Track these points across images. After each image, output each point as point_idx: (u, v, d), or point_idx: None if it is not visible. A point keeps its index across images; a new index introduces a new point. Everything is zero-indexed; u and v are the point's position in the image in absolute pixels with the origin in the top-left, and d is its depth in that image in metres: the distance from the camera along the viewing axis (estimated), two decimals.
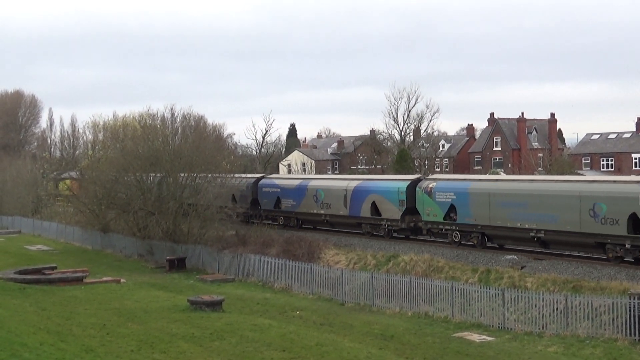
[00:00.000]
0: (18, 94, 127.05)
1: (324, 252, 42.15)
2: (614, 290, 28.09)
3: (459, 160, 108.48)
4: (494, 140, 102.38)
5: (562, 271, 32.08)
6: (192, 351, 20.88)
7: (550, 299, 27.34)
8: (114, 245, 53.60)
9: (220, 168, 52.75)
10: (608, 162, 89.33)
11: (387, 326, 27.79)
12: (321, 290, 36.06)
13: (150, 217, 49.16)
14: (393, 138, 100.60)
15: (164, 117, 58.68)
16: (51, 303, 28.59)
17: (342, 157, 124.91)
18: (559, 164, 76.13)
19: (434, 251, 38.40)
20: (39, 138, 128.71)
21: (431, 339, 25.79)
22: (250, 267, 41.23)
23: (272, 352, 21.26)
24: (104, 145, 66.95)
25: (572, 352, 24.06)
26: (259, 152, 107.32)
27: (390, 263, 38.20)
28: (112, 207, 53.22)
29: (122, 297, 31.26)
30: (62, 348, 19.89)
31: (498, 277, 33.04)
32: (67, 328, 23.39)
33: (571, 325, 26.24)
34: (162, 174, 50.23)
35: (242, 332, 23.71)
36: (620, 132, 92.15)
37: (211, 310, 27.59)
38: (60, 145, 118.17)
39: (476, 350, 24.11)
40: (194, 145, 51.88)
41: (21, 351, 18.42)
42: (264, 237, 45.77)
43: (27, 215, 71.63)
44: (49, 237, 62.30)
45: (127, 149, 54.74)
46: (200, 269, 44.59)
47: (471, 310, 29.18)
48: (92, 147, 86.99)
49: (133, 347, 20.94)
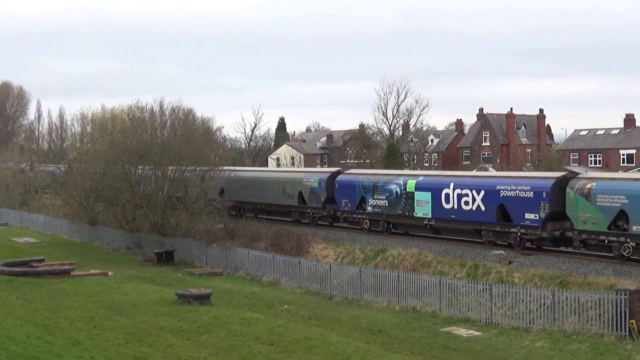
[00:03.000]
0: (6, 85, 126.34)
1: (312, 246, 42.14)
2: (600, 286, 28.26)
3: (448, 155, 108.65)
4: (483, 136, 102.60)
5: (549, 266, 32.21)
6: (179, 344, 20.86)
7: (537, 294, 27.44)
8: (101, 238, 53.42)
9: (209, 161, 52.61)
10: (596, 158, 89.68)
11: (375, 320, 27.85)
12: (309, 284, 36.07)
13: (138, 210, 49.02)
14: (382, 132, 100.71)
15: (152, 110, 58.58)
16: (38, 296, 28.50)
17: (331, 151, 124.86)
18: (547, 160, 76.38)
19: (422, 246, 38.45)
20: (26, 130, 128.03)
21: (419, 334, 25.86)
22: (239, 261, 41.20)
23: (260, 345, 21.27)
24: (92, 138, 66.67)
25: (559, 347, 24.17)
26: (248, 145, 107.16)
27: (379, 257, 38.25)
28: (100, 199, 52.99)
29: (109, 290, 31.19)
30: (49, 341, 19.84)
31: (486, 272, 33.15)
32: (54, 321, 23.33)
33: (558, 321, 26.35)
34: (151, 167, 50.06)
35: (230, 326, 23.70)
36: (608, 129, 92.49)
37: (199, 303, 27.57)
38: (48, 137, 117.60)
39: (463, 345, 24.19)
40: (183, 139, 51.74)
41: (8, 344, 18.37)
42: (253, 230, 45.70)
43: (14, 208, 71.29)
44: (36, 230, 62.02)
45: (116, 142, 54.54)
46: (188, 262, 44.54)
47: (459, 305, 29.26)
48: (80, 140, 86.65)
49: (120, 341, 20.90)
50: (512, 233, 35.62)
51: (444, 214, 38.68)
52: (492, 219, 36.38)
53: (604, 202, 31.63)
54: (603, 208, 31.65)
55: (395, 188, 41.52)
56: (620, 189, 31.53)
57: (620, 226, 31.35)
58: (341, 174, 46.87)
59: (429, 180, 40.56)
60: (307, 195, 47.77)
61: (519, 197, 35.05)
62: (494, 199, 36.24)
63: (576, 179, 33.76)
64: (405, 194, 40.80)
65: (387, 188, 42.00)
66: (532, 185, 34.93)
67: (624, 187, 31.63)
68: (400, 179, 41.79)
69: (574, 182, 33.46)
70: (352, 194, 44.40)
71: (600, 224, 31.78)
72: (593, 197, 32.00)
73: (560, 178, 34.60)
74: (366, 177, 44.67)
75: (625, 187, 31.59)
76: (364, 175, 45.54)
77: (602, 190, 31.85)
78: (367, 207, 43.40)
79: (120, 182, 50.27)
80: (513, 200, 35.36)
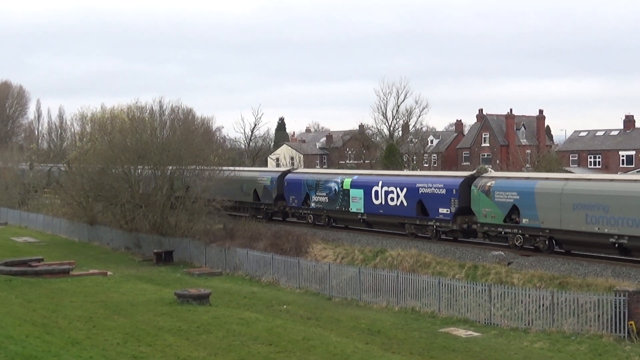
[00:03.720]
0: (6, 84, 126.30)
1: (311, 246, 42.15)
2: (599, 287, 28.27)
3: (447, 156, 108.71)
4: (483, 136, 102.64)
5: (548, 267, 32.22)
6: (178, 344, 20.84)
7: (536, 295, 27.44)
8: (101, 237, 53.42)
9: (209, 161, 52.61)
10: (595, 159, 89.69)
11: (374, 321, 27.83)
12: (308, 284, 36.06)
13: (137, 210, 48.99)
14: (382, 133, 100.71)
15: (152, 109, 58.49)
16: (37, 295, 28.48)
17: (331, 151, 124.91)
18: (546, 161, 76.39)
19: (421, 246, 38.47)
20: (26, 129, 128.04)
21: (417, 334, 25.85)
22: (238, 261, 41.18)
23: (259, 346, 21.26)
24: (91, 138, 66.48)
25: (558, 348, 24.16)
26: (248, 145, 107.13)
27: (378, 258, 38.26)
28: (99, 199, 52.97)
29: (108, 290, 31.17)
30: (48, 340, 19.82)
31: (485, 272, 33.15)
32: (53, 320, 23.32)
33: (557, 322, 26.34)
34: (150, 167, 50.06)
35: (229, 326, 23.68)
36: (608, 130, 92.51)
37: (198, 303, 27.54)
38: (47, 137, 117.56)
39: (462, 346, 24.18)
40: (182, 138, 51.70)
41: (6, 343, 18.36)
42: (252, 230, 45.70)
43: (13, 207, 71.26)
44: (35, 229, 62.01)
45: (115, 142, 54.48)
46: (187, 262, 44.53)
47: (458, 306, 29.25)
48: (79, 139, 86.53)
49: (119, 340, 20.89)
50: (429, 226, 39.85)
51: (374, 209, 42.90)
52: (413, 213, 40.55)
53: (500, 198, 35.97)
54: (500, 203, 36.01)
55: (334, 186, 45.83)
56: (513, 187, 35.82)
57: (514, 219, 35.48)
58: (290, 173, 51.33)
59: (362, 179, 44.82)
60: (261, 192, 51.65)
61: (435, 194, 39.43)
62: (414, 196, 40.50)
63: (480, 178, 38.17)
64: (342, 191, 45.11)
65: (327, 186, 46.39)
66: (444, 183, 39.35)
67: (515, 184, 35.95)
68: (338, 178, 46.13)
69: (477, 180, 37.86)
70: (298, 191, 48.84)
71: (497, 217, 36.15)
72: (492, 193, 36.35)
73: (468, 177, 39.10)
74: (310, 175, 49.20)
75: (516, 185, 35.93)
76: (309, 174, 50.25)
77: (499, 188, 36.20)
78: (310, 203, 47.78)
79: (119, 182, 50.25)
80: (430, 197, 39.69)
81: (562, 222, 33.44)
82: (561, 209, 33.41)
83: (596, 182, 33.90)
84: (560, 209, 33.43)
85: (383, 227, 43.48)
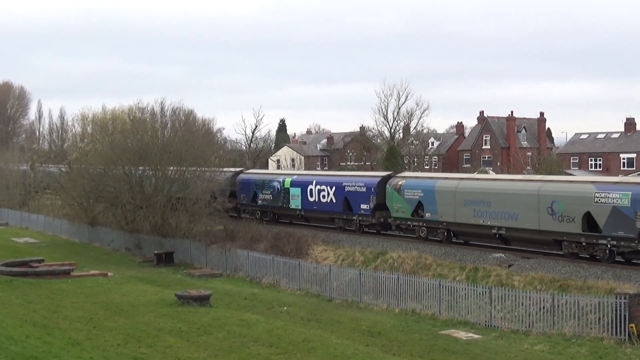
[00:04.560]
0: (7, 85, 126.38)
1: (312, 248, 42.17)
2: (600, 290, 28.24)
3: (448, 158, 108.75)
4: (483, 139, 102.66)
5: (549, 270, 32.20)
6: (179, 346, 20.84)
7: (537, 297, 27.44)
8: (101, 238, 53.44)
9: (209, 162, 52.69)
10: (596, 162, 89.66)
11: (375, 323, 27.83)
12: (309, 286, 36.07)
13: (138, 211, 49.02)
14: (382, 135, 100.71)
15: (153, 110, 58.57)
16: (38, 296, 28.49)
17: (332, 153, 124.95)
18: (547, 163, 76.33)
19: (422, 248, 38.48)
20: (27, 130, 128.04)
21: (418, 336, 25.85)
22: (238, 262, 41.19)
23: (259, 347, 21.25)
24: (92, 138, 66.55)
25: (558, 350, 24.16)
26: (248, 147, 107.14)
27: (379, 260, 38.26)
28: (100, 200, 53.02)
29: (109, 291, 31.17)
30: (49, 341, 19.83)
31: (485, 275, 33.13)
32: (53, 321, 23.32)
33: (557, 324, 26.35)
34: (151, 168, 50.09)
35: (229, 327, 23.68)
36: (609, 132, 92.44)
37: (198, 305, 27.55)
38: (48, 138, 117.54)
39: (463, 348, 24.18)
40: (183, 140, 51.74)
41: (7, 344, 18.37)
42: (253, 232, 45.72)
43: (14, 208, 71.28)
44: (36, 230, 62.05)
45: (116, 142, 54.53)
46: (188, 263, 44.54)
47: (458, 308, 29.26)
48: (80, 140, 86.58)
49: (120, 341, 20.89)
50: (353, 220, 44.73)
51: (309, 205, 47.89)
52: (340, 209, 45.49)
53: (409, 195, 41.03)
54: (408, 200, 41.06)
55: (277, 185, 50.52)
56: (419, 185, 40.99)
57: (420, 214, 40.54)
58: (242, 174, 55.93)
59: (300, 179, 49.88)
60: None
61: (357, 191, 44.36)
62: (341, 194, 45.44)
63: (394, 178, 43.15)
64: (283, 190, 49.87)
65: (271, 185, 51.09)
66: (365, 182, 44.33)
67: (421, 184, 41.20)
68: (280, 177, 51.07)
69: (392, 180, 42.84)
70: (248, 190, 53.72)
71: (406, 212, 41.23)
72: (402, 191, 41.47)
73: (384, 177, 44.02)
74: (258, 175, 54.29)
75: (421, 184, 41.11)
76: (257, 174, 55.39)
77: (408, 186, 41.32)
78: (258, 200, 52.60)
79: (120, 183, 50.28)
80: (353, 194, 44.65)
81: (456, 216, 38.48)
82: (455, 205, 38.44)
83: (481, 182, 39.58)
84: (455, 205, 38.46)
85: (318, 221, 48.19)
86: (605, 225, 31.64)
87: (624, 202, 30.96)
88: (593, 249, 32.59)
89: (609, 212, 31.47)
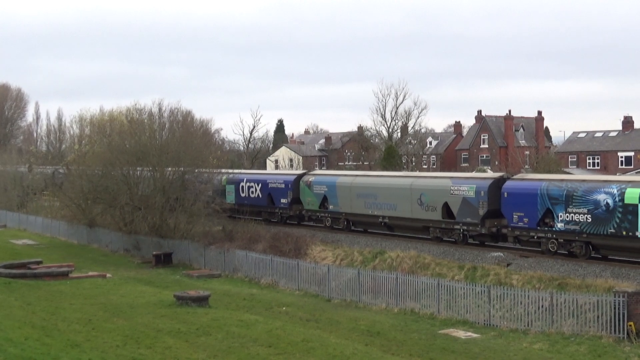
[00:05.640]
0: (4, 87, 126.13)
1: (310, 248, 42.15)
2: (599, 288, 28.28)
3: (446, 157, 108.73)
4: (481, 138, 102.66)
5: (547, 269, 32.22)
6: (177, 346, 20.83)
7: (535, 296, 27.45)
8: (100, 240, 53.38)
9: (207, 163, 52.69)
10: (594, 160, 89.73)
11: (373, 322, 27.83)
12: (308, 286, 36.05)
13: (136, 212, 48.98)
14: (380, 135, 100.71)
15: (151, 111, 58.52)
16: (36, 298, 28.46)
17: (330, 153, 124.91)
18: (545, 162, 76.37)
19: (420, 248, 38.49)
20: (25, 132, 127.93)
21: (417, 336, 25.85)
22: (237, 263, 41.16)
23: (258, 347, 21.25)
24: (90, 140, 66.59)
25: (557, 349, 24.18)
26: (247, 147, 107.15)
27: (377, 259, 38.26)
28: (98, 201, 52.92)
29: (107, 292, 31.16)
30: (47, 343, 19.80)
31: (484, 274, 33.15)
32: (52, 323, 23.29)
33: (556, 323, 26.36)
34: (149, 169, 50.06)
35: (228, 328, 23.68)
36: (606, 131, 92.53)
37: (197, 305, 27.54)
38: (46, 139, 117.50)
39: (462, 347, 24.19)
40: (181, 140, 51.72)
41: (6, 346, 18.33)
42: (251, 232, 45.71)
43: (12, 209, 71.15)
44: (34, 232, 61.96)
45: (114, 144, 54.49)
46: (186, 264, 44.50)
47: (457, 307, 29.27)
48: (78, 142, 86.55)
49: (119, 342, 20.87)
50: (275, 212, 50.77)
51: (242, 200, 53.07)
52: (265, 203, 51.44)
53: (316, 190, 47.35)
54: (316, 194, 47.37)
55: (216, 182, 53.51)
56: (324, 182, 47.41)
57: (325, 206, 46.63)
58: None
59: (234, 177, 54.84)
60: None
61: (278, 187, 50.50)
62: (265, 189, 51.39)
63: (306, 175, 49.75)
64: (221, 187, 53.94)
65: (213, 182, 53.22)
66: (284, 180, 50.63)
67: (325, 180, 47.65)
68: (219, 176, 54.08)
69: (304, 177, 49.34)
70: None
71: (315, 205, 47.50)
72: (312, 187, 47.74)
73: (299, 175, 50.53)
74: None
75: (326, 180, 47.60)
76: None
77: (316, 182, 47.68)
78: None
79: (118, 184, 50.22)
80: (275, 190, 50.71)
81: (352, 207, 44.84)
82: (351, 198, 44.77)
83: (370, 178, 45.79)
84: (351, 198, 44.78)
85: (248, 214, 51.48)
86: (458, 213, 38.15)
87: (471, 193, 37.64)
88: (451, 233, 38.76)
89: (460, 202, 38.01)
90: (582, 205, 32.44)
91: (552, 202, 33.68)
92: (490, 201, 36.60)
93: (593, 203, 31.99)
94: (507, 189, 35.98)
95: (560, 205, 33.33)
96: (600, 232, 31.86)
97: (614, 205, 31.18)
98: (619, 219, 31.05)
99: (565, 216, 33.11)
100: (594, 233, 32.14)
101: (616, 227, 31.17)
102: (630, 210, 30.63)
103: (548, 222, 33.99)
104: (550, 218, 33.85)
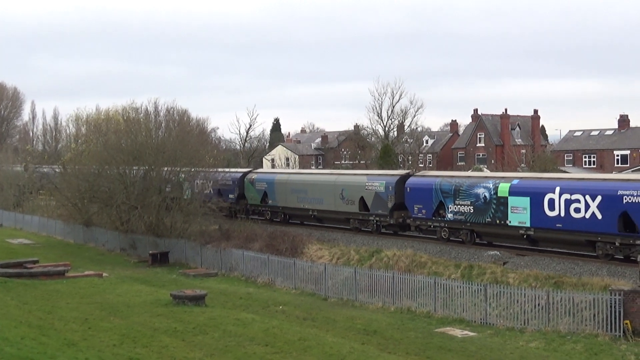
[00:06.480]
0: (0, 86, 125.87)
1: (307, 247, 42.14)
2: (595, 287, 28.29)
3: (443, 156, 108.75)
4: (478, 137, 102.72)
5: (544, 267, 32.26)
6: (174, 345, 20.82)
7: (532, 294, 27.48)
8: (96, 239, 53.34)
9: (204, 162, 52.69)
10: (590, 159, 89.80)
11: (370, 321, 27.84)
12: (304, 285, 36.06)
13: (133, 211, 48.94)
14: (377, 133, 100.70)
15: (147, 110, 58.52)
16: (33, 297, 28.43)
17: (326, 152, 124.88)
18: (541, 161, 76.42)
19: (417, 246, 38.50)
20: (21, 131, 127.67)
21: (414, 334, 25.87)
22: (234, 262, 41.16)
23: (255, 346, 21.25)
24: (86, 139, 66.43)
25: (553, 347, 24.20)
26: (243, 146, 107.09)
27: (374, 258, 38.25)
28: (94, 200, 52.88)
29: (104, 291, 31.13)
30: (44, 342, 19.77)
31: (481, 272, 33.17)
32: (48, 322, 23.27)
33: (552, 321, 26.38)
34: (145, 168, 50.01)
35: (225, 327, 23.67)
36: (602, 129, 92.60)
37: (194, 304, 27.53)
38: (42, 139, 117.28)
39: (458, 346, 24.21)
40: (178, 139, 51.72)
41: (2, 345, 18.29)
42: (248, 231, 45.72)
43: (8, 209, 71.05)
44: (30, 231, 61.90)
45: (110, 143, 54.46)
46: (183, 263, 44.49)
47: (453, 306, 29.28)
48: (74, 141, 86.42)
49: (115, 342, 20.85)
50: (224, 207, 53.37)
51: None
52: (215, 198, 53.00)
53: (258, 187, 53.00)
54: (258, 190, 53.04)
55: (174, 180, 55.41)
56: (264, 179, 53.08)
57: (266, 201, 52.12)
58: None
59: None
60: None
61: (227, 184, 55.26)
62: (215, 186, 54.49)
63: (250, 173, 55.80)
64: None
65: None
66: (231, 177, 55.79)
67: (265, 177, 53.39)
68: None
69: (248, 175, 55.11)
70: None
71: (257, 200, 53.25)
72: (254, 184, 53.55)
73: (244, 173, 56.31)
74: None
75: (266, 177, 53.49)
76: None
77: (258, 180, 53.48)
78: None
79: (114, 183, 50.17)
80: (224, 187, 55.16)
81: (287, 202, 50.02)
82: (287, 193, 49.88)
83: (302, 176, 51.36)
84: (286, 194, 49.89)
85: None
86: (372, 206, 42.91)
87: (381, 189, 42.34)
88: (367, 224, 43.62)
89: (373, 197, 42.71)
90: (467, 198, 37.28)
91: (444, 196, 38.58)
92: (397, 195, 41.44)
93: (474, 196, 36.85)
94: (410, 185, 40.99)
95: (450, 198, 38.21)
96: (480, 221, 36.67)
97: (490, 198, 36.00)
98: (494, 210, 35.88)
99: (454, 208, 38.00)
100: (475, 222, 36.97)
101: (492, 216, 36.03)
102: (502, 202, 35.51)
103: (441, 213, 38.85)
104: (443, 209, 38.72)
